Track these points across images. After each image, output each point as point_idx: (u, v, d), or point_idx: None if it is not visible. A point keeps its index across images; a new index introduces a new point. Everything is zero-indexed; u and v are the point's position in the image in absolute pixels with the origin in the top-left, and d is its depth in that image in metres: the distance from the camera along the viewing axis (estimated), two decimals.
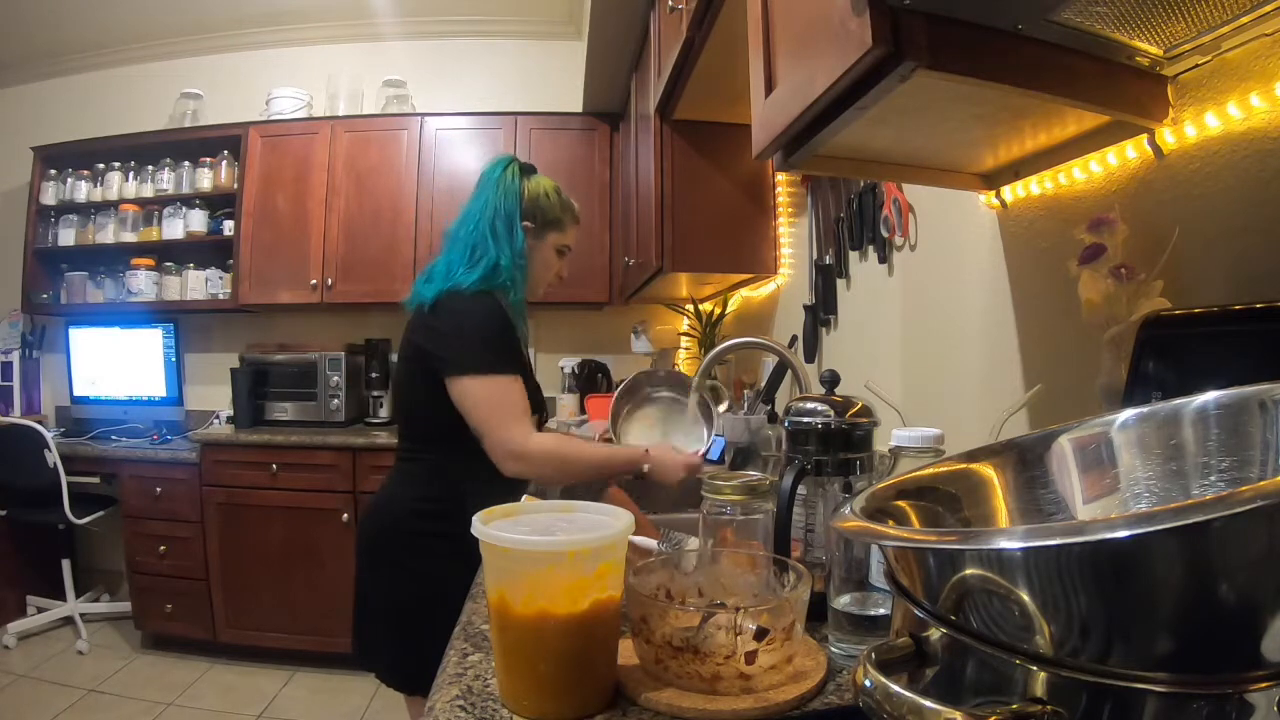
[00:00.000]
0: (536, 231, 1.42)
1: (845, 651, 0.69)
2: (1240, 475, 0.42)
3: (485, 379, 1.26)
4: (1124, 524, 0.27)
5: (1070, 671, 0.30)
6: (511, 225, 1.37)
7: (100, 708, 2.44)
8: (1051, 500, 0.49)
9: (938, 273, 1.25)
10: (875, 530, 0.39)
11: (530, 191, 1.42)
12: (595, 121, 3.12)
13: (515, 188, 1.40)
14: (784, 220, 2.07)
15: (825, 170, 1.28)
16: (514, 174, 1.42)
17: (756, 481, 0.83)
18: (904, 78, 0.62)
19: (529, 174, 1.45)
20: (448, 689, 0.63)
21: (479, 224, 1.37)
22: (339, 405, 3.03)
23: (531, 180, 1.44)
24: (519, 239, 1.37)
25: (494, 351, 1.28)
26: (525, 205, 1.40)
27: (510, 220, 1.38)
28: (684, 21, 1.58)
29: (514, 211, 1.38)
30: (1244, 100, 0.67)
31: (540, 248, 1.44)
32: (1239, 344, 0.60)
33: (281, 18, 3.40)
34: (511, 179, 1.41)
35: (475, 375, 1.26)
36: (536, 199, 1.42)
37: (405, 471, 1.38)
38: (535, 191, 1.42)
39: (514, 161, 1.45)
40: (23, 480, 2.82)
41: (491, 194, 1.39)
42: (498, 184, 1.40)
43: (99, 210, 3.30)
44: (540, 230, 1.43)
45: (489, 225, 1.36)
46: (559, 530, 0.64)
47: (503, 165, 1.43)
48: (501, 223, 1.37)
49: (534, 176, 1.45)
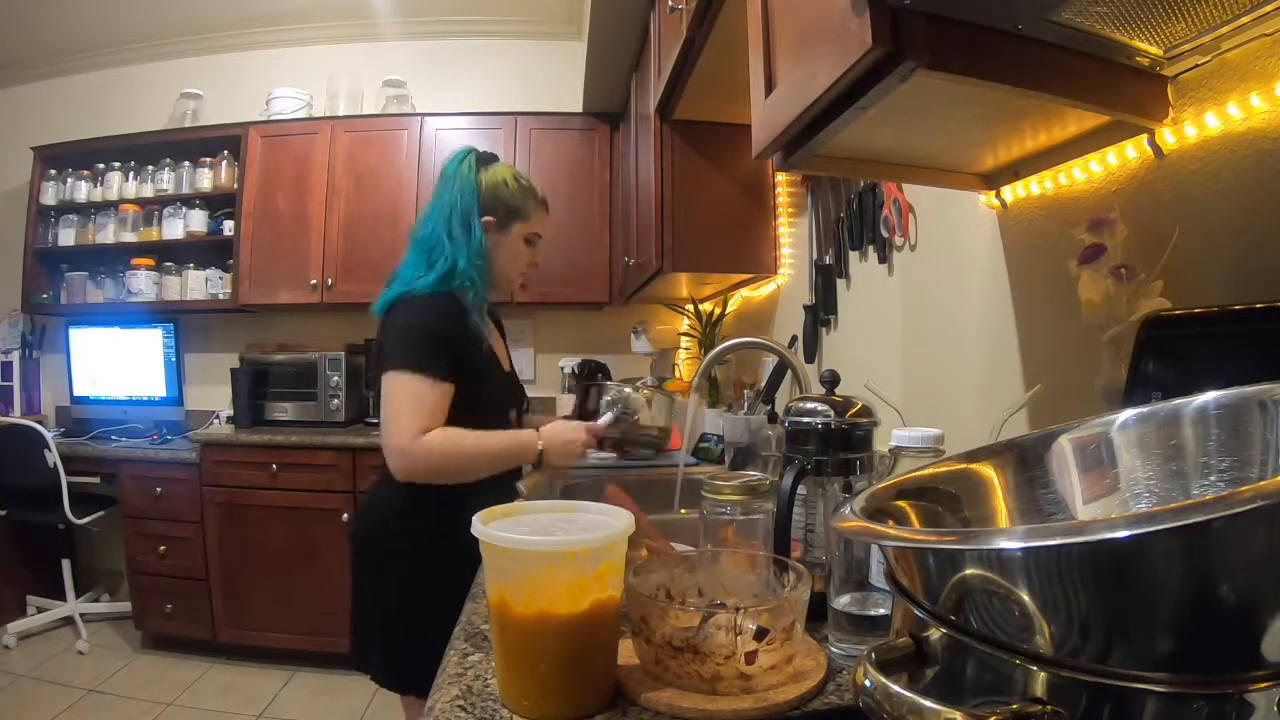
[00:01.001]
0: (500, 224, 1.37)
1: (845, 651, 0.69)
2: (1240, 475, 0.42)
3: (401, 375, 1.22)
4: (1124, 524, 0.27)
5: (1070, 671, 0.30)
6: (469, 223, 1.33)
7: (100, 708, 2.44)
8: (1051, 500, 0.49)
9: (938, 273, 1.25)
10: (875, 530, 0.39)
11: (488, 183, 1.37)
12: (595, 121, 3.12)
13: (471, 182, 1.35)
14: (784, 220, 2.06)
15: (825, 170, 1.28)
16: (470, 166, 1.37)
17: (756, 481, 0.83)
18: (904, 78, 0.62)
19: (486, 164, 1.39)
20: (448, 689, 0.63)
21: (436, 225, 1.33)
22: (339, 405, 3.04)
23: (488, 171, 1.38)
24: (477, 237, 1.33)
25: (425, 352, 1.23)
26: (484, 198, 1.35)
27: (467, 218, 1.33)
28: (684, 21, 1.57)
29: (471, 208, 1.34)
30: (1244, 100, 0.67)
31: (506, 240, 1.39)
32: (1239, 344, 0.60)
33: (281, 18, 3.40)
34: (468, 172, 1.36)
35: (395, 371, 1.23)
36: (495, 190, 1.37)
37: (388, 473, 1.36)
38: (493, 182, 1.37)
39: (470, 153, 1.39)
40: (23, 480, 2.82)
41: (448, 191, 1.35)
42: (454, 179, 1.36)
43: (99, 210, 3.30)
44: (504, 222, 1.38)
45: (445, 226, 1.32)
46: (559, 530, 0.64)
47: (459, 159, 1.38)
48: (458, 221, 1.32)
49: (491, 166, 1.40)
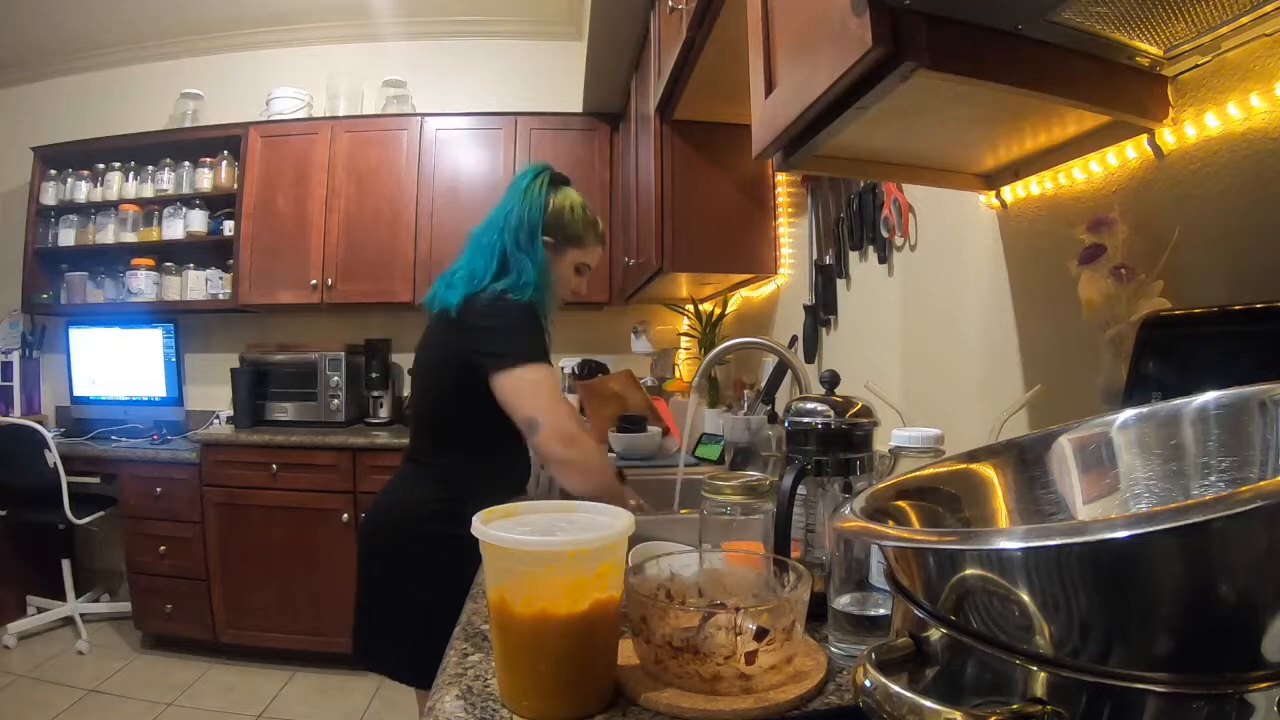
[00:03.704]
0: (556, 246, 1.41)
1: (845, 651, 0.69)
2: (1240, 475, 0.42)
3: (535, 367, 1.27)
4: (1124, 524, 0.27)
5: (1070, 672, 0.30)
6: (533, 237, 1.37)
7: (100, 708, 2.44)
8: (1051, 500, 0.49)
9: (938, 273, 1.25)
10: (875, 530, 0.39)
11: (555, 205, 1.41)
12: (595, 122, 3.12)
13: (540, 200, 1.39)
14: (784, 220, 2.06)
15: (825, 170, 1.28)
16: (542, 185, 1.41)
17: (756, 481, 0.83)
18: (904, 78, 0.62)
19: (558, 186, 1.44)
20: (448, 689, 0.63)
21: (502, 232, 1.36)
22: (339, 405, 3.03)
23: (559, 194, 1.43)
24: (539, 252, 1.37)
25: (540, 345, 1.30)
26: (548, 219, 1.39)
27: (532, 232, 1.37)
28: (684, 22, 1.57)
29: (536, 224, 1.38)
30: (1244, 100, 0.67)
31: (559, 263, 1.43)
32: (1239, 344, 0.60)
33: (281, 18, 3.40)
34: (539, 190, 1.40)
35: (526, 365, 1.27)
36: (560, 213, 1.41)
37: (421, 473, 1.38)
38: (560, 205, 1.41)
39: (545, 171, 1.44)
40: (23, 480, 2.82)
41: (517, 203, 1.39)
42: (525, 193, 1.39)
43: (99, 210, 3.30)
44: (560, 246, 1.42)
45: (512, 235, 1.36)
46: (559, 530, 0.64)
47: (532, 174, 1.42)
48: (524, 234, 1.36)
49: (563, 189, 1.44)
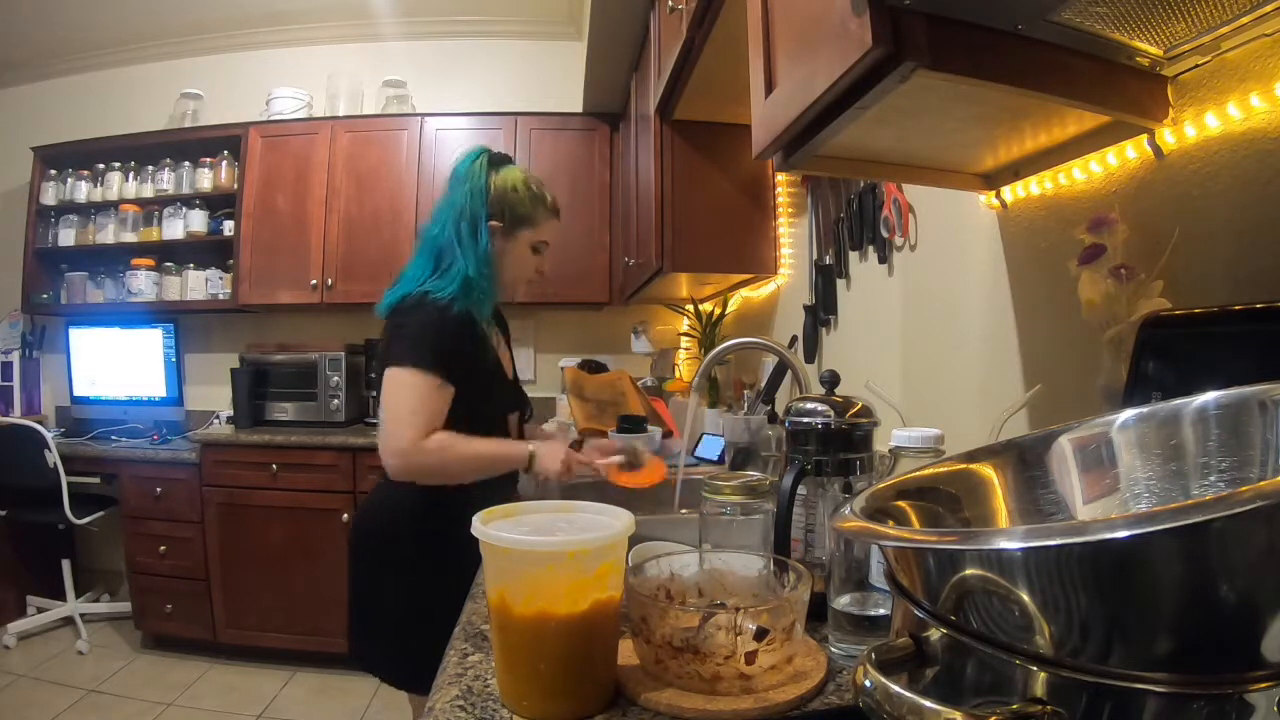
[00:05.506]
0: (506, 230, 1.35)
1: (845, 651, 0.69)
2: (1240, 475, 0.42)
3: (405, 372, 1.21)
4: (1124, 524, 0.27)
5: (1070, 672, 0.30)
6: (476, 227, 1.31)
7: (100, 708, 2.44)
8: (1051, 500, 0.49)
9: (938, 273, 1.25)
10: (875, 530, 0.39)
11: (498, 186, 1.34)
12: (595, 122, 3.12)
13: (481, 184, 1.33)
14: (784, 220, 2.06)
15: (825, 170, 1.28)
16: (481, 167, 1.34)
17: (756, 481, 0.83)
18: (904, 78, 0.62)
19: (498, 166, 1.37)
20: (448, 689, 0.63)
21: (445, 227, 1.31)
22: (339, 405, 3.03)
23: (500, 174, 1.36)
24: (483, 243, 1.31)
25: (431, 354, 1.21)
26: (492, 202, 1.33)
27: (475, 222, 1.31)
28: (684, 22, 1.57)
29: (479, 212, 1.31)
30: (1244, 100, 0.67)
31: (512, 247, 1.37)
32: (1239, 344, 0.60)
33: (281, 18, 3.40)
34: (479, 173, 1.34)
35: (399, 368, 1.21)
36: (504, 194, 1.34)
37: None
38: (503, 186, 1.35)
39: (483, 154, 1.37)
40: (23, 480, 2.82)
41: (458, 192, 1.33)
42: (465, 180, 1.33)
43: (99, 210, 3.30)
44: (510, 228, 1.36)
45: (454, 228, 1.30)
46: (559, 530, 0.64)
47: (471, 159, 1.36)
48: (466, 225, 1.30)
49: (503, 169, 1.37)
